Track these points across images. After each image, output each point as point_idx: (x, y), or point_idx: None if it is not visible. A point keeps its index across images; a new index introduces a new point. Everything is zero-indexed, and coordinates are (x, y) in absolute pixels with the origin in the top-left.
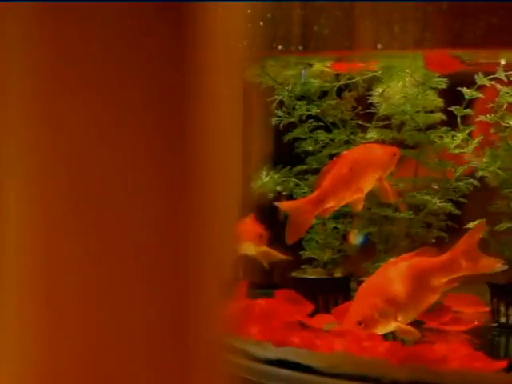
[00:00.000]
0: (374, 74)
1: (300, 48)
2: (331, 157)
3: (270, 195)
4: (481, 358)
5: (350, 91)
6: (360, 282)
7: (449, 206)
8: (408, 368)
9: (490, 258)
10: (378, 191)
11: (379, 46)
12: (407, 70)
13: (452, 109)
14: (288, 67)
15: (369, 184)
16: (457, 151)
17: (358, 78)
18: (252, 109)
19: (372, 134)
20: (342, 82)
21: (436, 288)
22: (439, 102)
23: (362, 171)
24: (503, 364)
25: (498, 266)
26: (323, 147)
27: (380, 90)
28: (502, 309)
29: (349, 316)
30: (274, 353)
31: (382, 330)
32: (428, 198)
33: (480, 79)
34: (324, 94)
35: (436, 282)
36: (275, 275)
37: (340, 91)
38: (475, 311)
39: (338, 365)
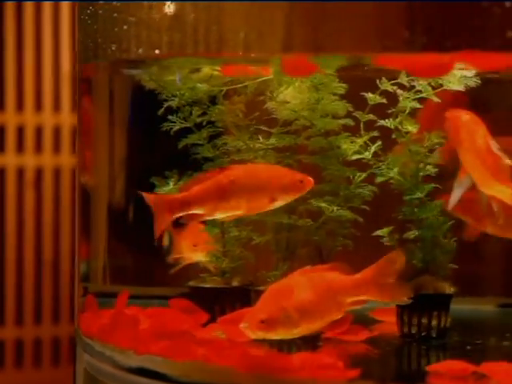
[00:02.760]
0: (266, 78)
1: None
2: (232, 163)
3: None
4: (335, 368)
5: (239, 96)
6: (257, 292)
7: (347, 213)
8: (256, 376)
9: (402, 289)
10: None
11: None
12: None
13: (355, 114)
14: (171, 71)
15: (254, 203)
16: (355, 157)
17: (247, 83)
18: (138, 114)
19: (273, 141)
20: (230, 87)
21: (341, 306)
22: (342, 107)
23: (246, 188)
24: (355, 373)
25: (404, 300)
26: (224, 154)
27: (276, 95)
28: (405, 318)
29: (252, 314)
30: (135, 361)
31: (281, 334)
32: (324, 204)
33: (383, 84)
34: (214, 99)
35: (342, 300)
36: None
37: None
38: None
39: (193, 373)
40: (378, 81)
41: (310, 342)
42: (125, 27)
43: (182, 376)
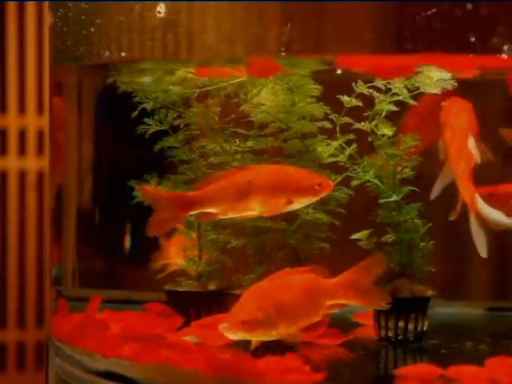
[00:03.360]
0: (239, 80)
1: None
2: (210, 167)
3: None
4: (301, 371)
5: (213, 98)
6: (233, 295)
7: (323, 216)
8: (222, 380)
9: (380, 294)
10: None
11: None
12: (271, 77)
13: (332, 117)
14: (145, 74)
15: (269, 205)
16: (330, 160)
17: (220, 85)
18: (111, 117)
19: (251, 144)
20: (203, 89)
21: (319, 309)
22: (317, 109)
23: (263, 190)
24: (320, 377)
25: (383, 305)
26: (201, 157)
27: (250, 97)
28: (383, 322)
29: (233, 314)
30: (103, 365)
31: (261, 335)
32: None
33: (359, 87)
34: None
35: (321, 303)
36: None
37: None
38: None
39: (158, 377)
40: (353, 84)
41: (285, 346)
42: (93, 30)
43: (148, 379)
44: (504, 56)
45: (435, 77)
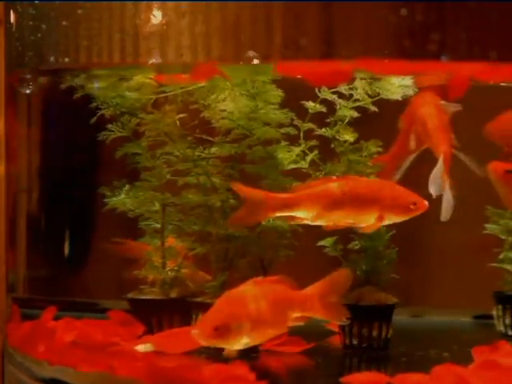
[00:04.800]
0: (198, 86)
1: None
2: (174, 174)
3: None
4: (245, 379)
5: (170, 104)
6: (195, 304)
7: (283, 223)
8: None
9: (342, 309)
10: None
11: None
12: (229, 83)
13: (296, 123)
14: (100, 80)
15: (360, 218)
16: (291, 166)
17: (178, 91)
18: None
19: (215, 150)
20: (161, 95)
21: (286, 320)
22: (280, 116)
23: (357, 203)
24: None
25: (344, 321)
26: (165, 163)
27: (210, 103)
28: (347, 329)
29: (205, 321)
30: (49, 372)
31: (231, 342)
32: None
33: (323, 93)
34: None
35: (288, 316)
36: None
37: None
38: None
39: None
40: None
41: (246, 353)
42: (47, 35)
43: None
44: (441, 61)
45: (396, 83)
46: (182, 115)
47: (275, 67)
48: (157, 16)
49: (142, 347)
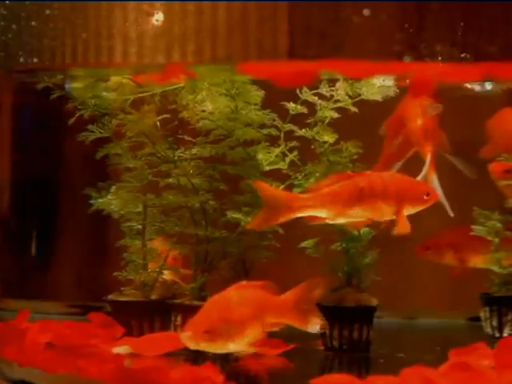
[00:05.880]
0: (179, 86)
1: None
2: (155, 175)
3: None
4: (213, 381)
5: (148, 104)
6: (176, 306)
7: None
8: None
9: (318, 318)
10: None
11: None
12: (206, 83)
13: (276, 124)
14: (76, 80)
15: (380, 213)
16: (270, 167)
17: (156, 91)
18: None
19: (196, 151)
20: (139, 95)
21: (265, 325)
22: (260, 116)
23: (375, 198)
24: None
25: (317, 328)
26: (146, 164)
27: (189, 103)
28: (327, 331)
29: (195, 324)
30: (19, 373)
31: (219, 346)
32: (239, 216)
33: (304, 94)
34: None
35: (267, 320)
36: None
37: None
38: None
39: None
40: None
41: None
42: (18, 35)
43: None
44: (403, 62)
45: (377, 84)
46: (162, 116)
47: (238, 68)
48: (129, 16)
49: (119, 349)
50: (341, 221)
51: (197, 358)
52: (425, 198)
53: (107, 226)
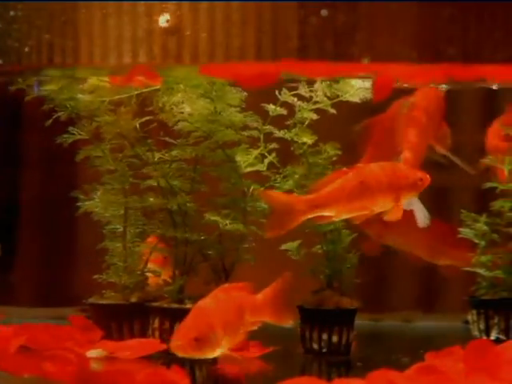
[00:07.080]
0: (153, 88)
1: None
2: (135, 176)
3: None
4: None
5: (126, 107)
6: (153, 309)
7: (240, 227)
8: None
9: (292, 312)
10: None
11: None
12: (182, 85)
13: (256, 126)
14: (51, 82)
15: (381, 203)
16: (248, 169)
17: (133, 93)
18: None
19: (176, 152)
20: (116, 97)
21: (246, 325)
22: (240, 118)
23: (376, 188)
24: None
25: (290, 322)
26: (128, 166)
27: (165, 105)
28: (307, 334)
29: (183, 332)
30: None
31: (207, 352)
32: (217, 218)
33: (284, 96)
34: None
35: (247, 320)
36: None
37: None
38: None
39: None
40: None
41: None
42: None
43: None
44: (362, 63)
45: (356, 85)
46: (142, 119)
47: (200, 69)
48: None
49: (93, 353)
50: (345, 216)
51: (174, 360)
52: (419, 183)
53: (85, 228)
